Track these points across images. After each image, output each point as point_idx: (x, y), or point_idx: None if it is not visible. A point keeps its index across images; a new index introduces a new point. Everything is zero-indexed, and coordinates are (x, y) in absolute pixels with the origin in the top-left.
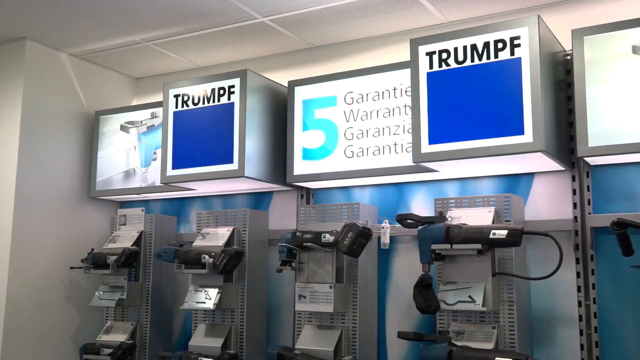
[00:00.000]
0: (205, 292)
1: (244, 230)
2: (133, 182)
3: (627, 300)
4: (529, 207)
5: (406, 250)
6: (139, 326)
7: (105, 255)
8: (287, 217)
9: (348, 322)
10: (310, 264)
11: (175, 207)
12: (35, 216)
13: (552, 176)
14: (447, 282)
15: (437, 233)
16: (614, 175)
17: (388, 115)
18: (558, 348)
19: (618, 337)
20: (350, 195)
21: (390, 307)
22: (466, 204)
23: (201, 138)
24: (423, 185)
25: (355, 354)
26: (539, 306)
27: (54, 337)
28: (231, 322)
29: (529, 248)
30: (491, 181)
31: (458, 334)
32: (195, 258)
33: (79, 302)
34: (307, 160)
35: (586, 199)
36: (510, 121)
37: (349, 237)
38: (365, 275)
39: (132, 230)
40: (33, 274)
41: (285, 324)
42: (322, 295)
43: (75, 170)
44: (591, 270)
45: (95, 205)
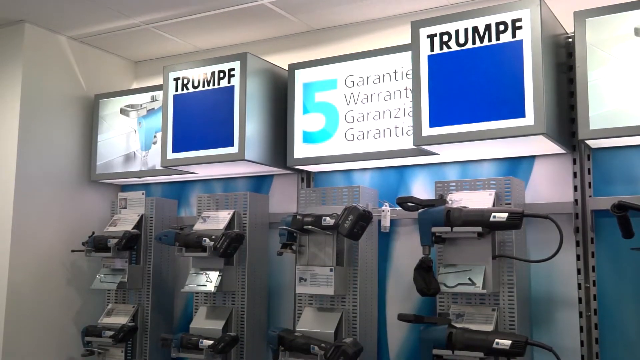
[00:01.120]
0: (206, 275)
1: (244, 213)
2: (133, 166)
3: (627, 283)
4: (530, 190)
5: (406, 234)
6: (140, 309)
7: (106, 239)
8: (287, 200)
9: (348, 305)
10: (311, 247)
11: (175, 191)
12: (36, 200)
13: (553, 159)
14: (448, 264)
15: (437, 216)
16: (615, 158)
17: (389, 98)
18: (557, 330)
19: (617, 319)
20: (351, 178)
21: (390, 290)
22: (467, 187)
23: (201, 121)
24: (424, 169)
25: (355, 336)
26: (539, 289)
27: (56, 319)
28: (232, 304)
29: (529, 231)
30: (492, 164)
31: (458, 316)
32: (196, 241)
33: (80, 284)
34: (307, 144)
35: (587, 181)
36: (511, 104)
37: (349, 220)
38: (365, 258)
39: (133, 214)
40: (34, 257)
41: (286, 307)
42: (322, 278)
43: (76, 154)
44: (591, 252)
45: (96, 189)
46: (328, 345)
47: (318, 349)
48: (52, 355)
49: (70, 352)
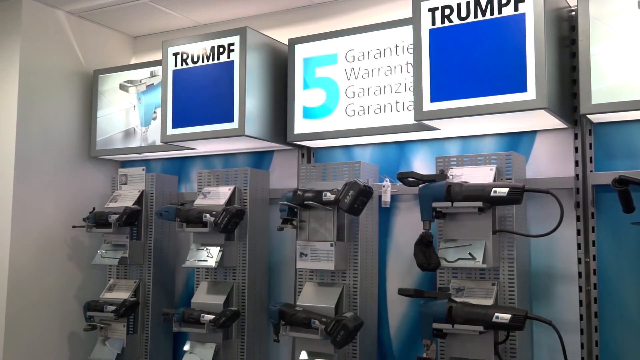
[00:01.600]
0: (206, 250)
1: (244, 189)
2: (133, 142)
3: (627, 257)
4: (531, 165)
5: (407, 209)
6: (141, 284)
7: (106, 214)
8: (288, 176)
9: (349, 280)
10: (311, 223)
11: (176, 167)
12: (36, 176)
13: (554, 134)
14: (448, 239)
15: (438, 191)
16: (617, 133)
17: (390, 73)
18: (557, 304)
19: (617, 293)
20: (351, 154)
21: (390, 265)
22: (467, 162)
23: (201, 97)
24: (424, 144)
25: (356, 310)
26: (539, 263)
27: (58, 295)
28: (233, 280)
29: (529, 206)
30: (493, 139)
31: (458, 291)
32: (197, 217)
33: (81, 260)
34: (307, 119)
35: (588, 156)
36: (513, 78)
37: (350, 196)
38: (366, 233)
39: (133, 190)
40: (35, 233)
41: (287, 282)
42: (323, 253)
43: (75, 130)
44: (591, 227)
45: (96, 165)
46: (329, 320)
47: (319, 323)
48: (55, 330)
49: (72, 327)
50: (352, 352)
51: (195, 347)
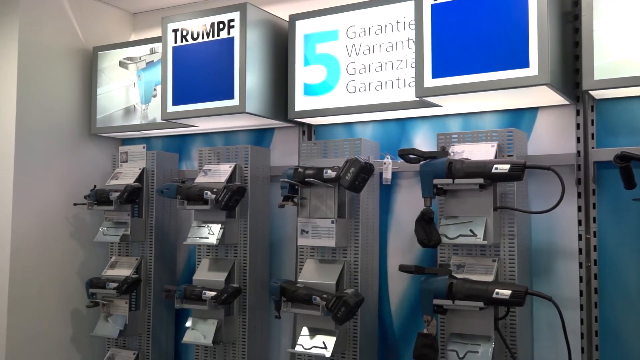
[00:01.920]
0: (208, 227)
1: (245, 166)
2: (133, 119)
3: (627, 233)
4: (532, 141)
5: (408, 186)
6: (143, 261)
7: (107, 192)
8: (288, 153)
9: (350, 256)
10: (312, 200)
11: (176, 144)
12: (37, 154)
13: (556, 110)
14: (449, 216)
15: (439, 168)
16: (619, 109)
17: (391, 50)
18: (557, 280)
19: (617, 269)
20: (352, 131)
21: (391, 242)
22: (469, 139)
23: (201, 74)
24: (426, 121)
25: (356, 287)
26: (540, 240)
27: (60, 272)
28: (234, 257)
29: (531, 183)
30: (494, 116)
31: (459, 267)
32: (198, 194)
33: (83, 238)
34: (308, 96)
35: (590, 133)
36: (515, 54)
37: (350, 173)
38: (367, 210)
39: (134, 167)
40: (37, 211)
41: (288, 259)
42: (324, 230)
43: (75, 107)
44: (592, 204)
45: (97, 142)
46: (330, 296)
47: (320, 300)
48: (57, 307)
49: (74, 303)
50: (353, 328)
51: (197, 323)
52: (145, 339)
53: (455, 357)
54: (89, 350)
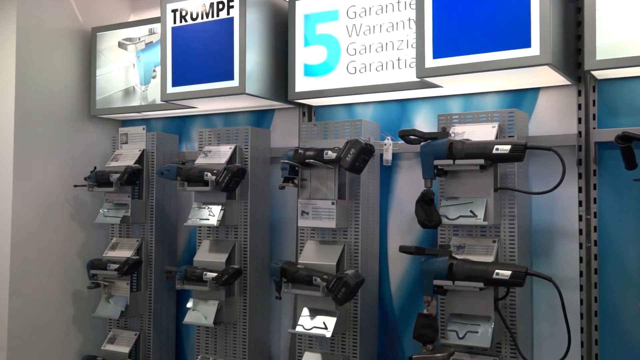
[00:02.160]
0: (208, 209)
1: (245, 148)
2: (133, 101)
3: (628, 214)
4: (533, 122)
5: (408, 167)
6: (144, 242)
7: (108, 173)
8: (289, 134)
9: (350, 238)
10: (313, 181)
11: (176, 126)
12: (37, 136)
13: (557, 91)
14: (449, 197)
15: (440, 148)
16: (621, 90)
17: (392, 30)
18: (557, 261)
19: (617, 250)
20: (353, 112)
21: (392, 223)
22: (469, 120)
23: (201, 54)
24: (426, 102)
25: (357, 268)
26: (540, 220)
27: (61, 253)
28: (235, 238)
29: (531, 163)
30: (495, 97)
31: (459, 248)
32: (198, 175)
33: (83, 219)
34: (308, 77)
35: (591, 113)
36: (517, 33)
37: (351, 154)
38: (367, 191)
39: (134, 149)
40: (37, 193)
41: (288, 240)
42: (324, 212)
43: (75, 89)
44: (593, 185)
45: (96, 124)
46: (330, 277)
47: (320, 281)
48: (59, 288)
49: (76, 285)
50: (354, 309)
51: (198, 304)
52: (146, 319)
53: (455, 337)
54: (91, 331)
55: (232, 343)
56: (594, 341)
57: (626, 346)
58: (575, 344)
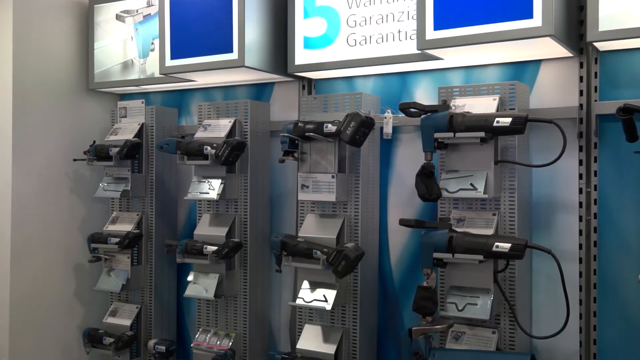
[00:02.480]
0: (208, 182)
1: (245, 121)
2: (131, 74)
3: (628, 187)
4: (535, 95)
5: (409, 140)
6: (144, 216)
7: (107, 147)
8: (288, 108)
9: (350, 211)
10: (313, 154)
11: (175, 99)
12: (35, 109)
13: (559, 63)
14: (450, 170)
15: (440, 121)
16: (623, 62)
17: (392, 1)
18: (557, 234)
19: (617, 222)
20: (353, 85)
21: (392, 196)
22: (470, 93)
23: (199, 27)
24: (427, 75)
25: (357, 241)
26: (540, 193)
27: (61, 227)
28: (235, 212)
29: (532, 136)
30: (496, 69)
31: (459, 221)
32: (198, 149)
33: (83, 193)
34: (308, 50)
35: (593, 86)
36: (518, 4)
37: (351, 127)
38: (367, 164)
39: (133, 123)
40: (37, 167)
41: (288, 214)
42: (324, 185)
43: (73, 62)
44: (594, 157)
45: (95, 98)
46: (330, 250)
47: (320, 254)
48: (60, 262)
49: (77, 259)
50: (354, 282)
51: (199, 277)
52: (147, 293)
53: (455, 309)
54: (93, 304)
55: (232, 316)
56: (592, 313)
57: (624, 318)
58: (573, 316)
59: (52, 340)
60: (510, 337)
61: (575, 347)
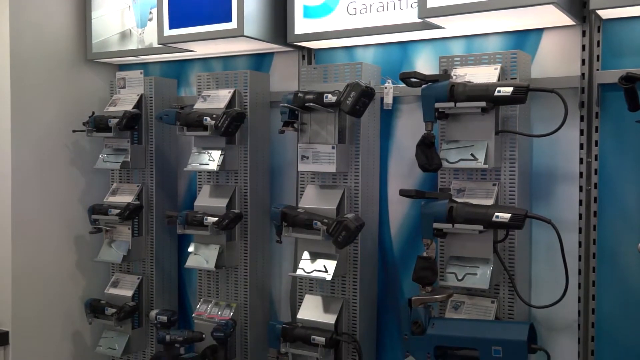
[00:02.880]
0: (208, 153)
1: (245, 92)
2: (130, 44)
3: (629, 157)
4: (536, 64)
5: (409, 111)
6: (144, 187)
7: (106, 118)
8: (288, 78)
9: (350, 182)
10: (313, 125)
11: (174, 70)
12: (33, 81)
13: (561, 32)
14: (450, 140)
15: (441, 91)
16: (626, 30)
17: None
18: (557, 204)
19: (617, 192)
20: (353, 55)
21: (392, 167)
22: (471, 62)
23: None
24: (428, 44)
25: (357, 212)
26: (541, 163)
27: (61, 198)
28: (235, 183)
29: (533, 106)
30: (498, 38)
31: (459, 192)
32: (197, 120)
33: (83, 165)
34: (308, 19)
35: (595, 54)
36: None
37: (351, 97)
38: (367, 135)
39: (132, 94)
40: (36, 138)
41: (288, 184)
42: (324, 156)
43: (70, 32)
44: (595, 127)
45: (93, 68)
46: (330, 221)
47: (320, 224)
48: (61, 234)
49: (77, 230)
50: (354, 252)
51: (200, 248)
52: (148, 263)
53: (454, 279)
54: (94, 276)
55: (233, 286)
56: (591, 283)
57: (623, 287)
58: (572, 286)
59: (55, 311)
60: (509, 307)
61: (574, 317)
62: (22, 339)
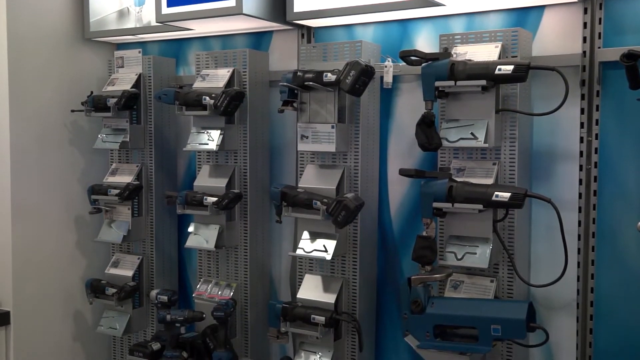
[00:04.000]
0: (207, 133)
1: (244, 71)
2: (128, 23)
3: (629, 136)
4: (537, 42)
5: (409, 90)
6: (144, 168)
7: (105, 98)
8: (287, 57)
9: (350, 161)
10: (312, 104)
11: (173, 49)
12: (31, 60)
13: (563, 9)
14: (450, 119)
15: (441, 69)
16: (628, 7)
17: None
18: (557, 183)
19: (617, 172)
20: (353, 33)
21: (392, 146)
22: (472, 40)
23: None
24: (428, 22)
25: (357, 191)
26: (541, 142)
27: (60, 179)
28: (234, 162)
29: (534, 85)
30: (499, 15)
31: (459, 171)
32: (196, 100)
33: (82, 145)
34: None
35: (597, 32)
36: None
37: (351, 76)
38: (367, 114)
39: (131, 73)
40: (34, 118)
41: (288, 164)
42: (324, 135)
43: (67, 10)
44: (596, 106)
45: (91, 47)
46: (330, 200)
47: (320, 204)
48: (60, 214)
49: (77, 210)
50: (353, 232)
51: (200, 228)
52: (148, 244)
53: (454, 258)
54: (94, 256)
55: (233, 266)
56: (591, 261)
57: (622, 266)
58: (572, 265)
59: (55, 291)
60: (508, 286)
61: (573, 296)
62: (23, 319)
